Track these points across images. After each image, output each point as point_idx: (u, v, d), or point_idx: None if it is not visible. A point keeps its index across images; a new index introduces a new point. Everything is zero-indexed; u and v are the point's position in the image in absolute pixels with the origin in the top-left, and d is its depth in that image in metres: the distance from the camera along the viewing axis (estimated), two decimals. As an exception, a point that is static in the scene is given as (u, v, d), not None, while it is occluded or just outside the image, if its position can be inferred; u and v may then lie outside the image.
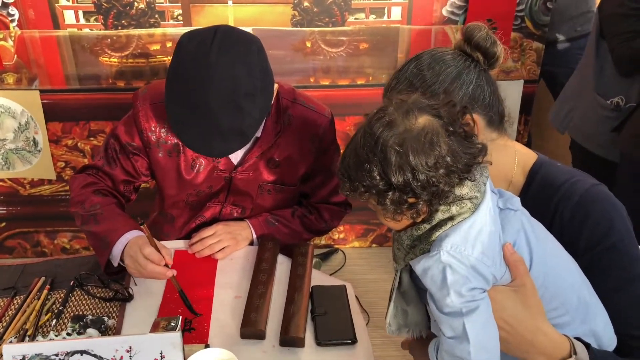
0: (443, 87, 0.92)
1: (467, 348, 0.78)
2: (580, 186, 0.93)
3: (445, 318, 0.80)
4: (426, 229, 0.80)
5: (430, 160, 0.75)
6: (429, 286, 0.81)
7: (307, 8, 2.15)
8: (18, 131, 2.29)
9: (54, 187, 2.43)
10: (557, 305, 0.84)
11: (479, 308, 0.78)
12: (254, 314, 1.16)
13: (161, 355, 0.83)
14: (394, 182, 0.76)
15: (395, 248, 0.86)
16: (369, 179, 0.77)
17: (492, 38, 0.94)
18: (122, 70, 2.21)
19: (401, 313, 0.93)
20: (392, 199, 0.77)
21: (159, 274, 1.20)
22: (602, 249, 0.90)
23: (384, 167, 0.76)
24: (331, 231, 2.64)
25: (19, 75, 2.18)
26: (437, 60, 0.94)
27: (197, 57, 1.16)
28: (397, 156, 0.75)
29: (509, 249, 0.82)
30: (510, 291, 0.82)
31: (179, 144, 1.37)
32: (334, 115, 1.47)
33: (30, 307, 1.19)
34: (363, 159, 0.78)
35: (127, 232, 1.26)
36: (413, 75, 0.95)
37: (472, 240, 0.78)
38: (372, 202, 0.81)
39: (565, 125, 2.10)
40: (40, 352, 0.78)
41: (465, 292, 0.78)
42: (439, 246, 0.78)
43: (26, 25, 2.10)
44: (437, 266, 0.78)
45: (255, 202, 1.47)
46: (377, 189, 0.78)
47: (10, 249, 2.56)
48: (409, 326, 0.94)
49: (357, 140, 0.80)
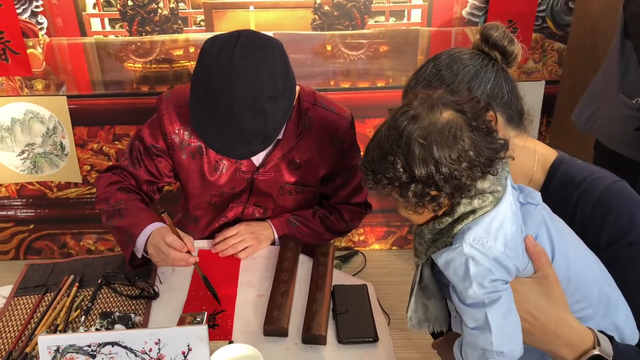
0: (462, 86, 0.93)
1: (490, 338, 0.78)
2: (601, 182, 0.93)
3: (468, 309, 0.80)
4: (448, 222, 0.81)
5: (454, 154, 0.76)
6: (451, 278, 0.82)
7: (327, 12, 2.17)
8: (46, 136, 2.35)
9: (80, 190, 2.49)
10: (580, 298, 0.85)
11: (501, 298, 0.79)
12: (277, 312, 1.18)
13: (188, 348, 0.85)
14: (417, 174, 0.77)
15: (417, 243, 0.87)
16: (392, 171, 0.79)
17: (509, 36, 0.95)
18: (146, 75, 2.26)
19: (422, 307, 0.94)
20: (414, 192, 0.78)
21: (182, 260, 1.22)
22: (623, 244, 0.90)
23: (408, 160, 0.77)
24: (351, 233, 2.66)
25: (48, 81, 2.25)
26: (455, 59, 0.96)
27: (221, 62, 1.19)
28: (421, 149, 0.77)
29: (530, 241, 0.82)
30: (533, 283, 0.82)
31: (202, 146, 1.40)
32: (354, 118, 1.49)
33: (61, 304, 1.23)
34: (387, 151, 0.79)
35: (150, 223, 1.29)
36: (432, 75, 0.96)
37: (494, 232, 0.79)
38: (395, 195, 0.82)
39: (590, 126, 2.08)
40: (74, 343, 0.81)
41: (487, 283, 0.78)
42: (462, 239, 0.79)
43: (54, 33, 2.16)
44: (460, 258, 0.79)
45: (276, 203, 1.49)
46: (400, 181, 0.79)
47: (38, 250, 2.62)
48: (429, 320, 0.95)
49: (381, 133, 0.82)
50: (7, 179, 2.43)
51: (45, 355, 0.82)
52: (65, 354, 0.81)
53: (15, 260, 2.62)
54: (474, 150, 0.77)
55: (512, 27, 2.21)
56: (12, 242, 2.60)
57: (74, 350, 0.81)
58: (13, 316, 1.21)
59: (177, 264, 1.25)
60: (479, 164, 0.78)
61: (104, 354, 0.82)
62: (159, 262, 1.26)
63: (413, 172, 0.77)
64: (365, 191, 1.58)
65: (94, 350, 0.82)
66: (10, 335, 1.16)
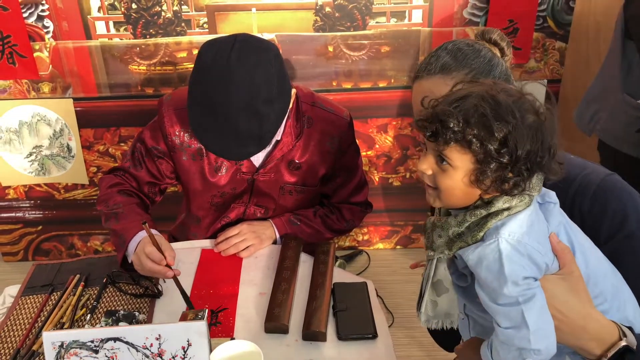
0: (485, 61, 0.96)
1: (527, 336, 0.77)
2: (595, 177, 0.95)
3: (501, 308, 0.78)
4: (482, 215, 0.79)
5: (553, 141, 0.77)
6: (483, 275, 0.79)
7: (328, 13, 2.19)
8: (53, 138, 2.39)
9: (86, 192, 2.52)
10: (597, 294, 0.84)
11: (535, 296, 0.78)
12: (278, 309, 1.20)
13: (188, 343, 0.87)
14: (518, 148, 0.74)
15: (436, 235, 0.84)
16: (487, 135, 0.74)
17: (507, 40, 1.00)
18: (150, 77, 2.29)
19: (430, 304, 0.93)
20: (498, 162, 0.75)
21: (159, 272, 1.22)
22: (621, 237, 0.91)
23: (516, 133, 0.74)
24: (355, 233, 2.68)
25: (54, 84, 2.28)
26: (470, 43, 1.00)
27: (217, 65, 1.21)
28: (536, 128, 0.75)
29: (555, 238, 0.82)
30: (559, 279, 0.82)
31: (202, 148, 1.42)
32: (357, 118, 1.50)
33: (67, 302, 1.26)
34: (501, 113, 0.74)
35: (142, 230, 1.30)
36: (455, 51, 0.98)
37: (527, 229, 0.78)
38: (459, 157, 0.76)
39: (592, 127, 2.06)
40: (77, 338, 0.83)
41: (521, 281, 0.77)
42: (496, 234, 0.77)
43: (60, 37, 2.20)
44: (494, 255, 0.77)
45: (277, 203, 1.51)
46: (488, 149, 0.74)
47: (47, 251, 2.66)
48: (438, 317, 0.93)
49: (496, 91, 0.77)
50: (15, 181, 2.47)
51: (50, 350, 0.84)
52: (69, 349, 0.84)
53: (23, 262, 2.66)
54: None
55: (513, 27, 2.22)
56: (21, 244, 2.64)
57: (78, 345, 0.84)
58: (20, 315, 1.24)
59: (156, 275, 1.26)
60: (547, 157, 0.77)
61: (106, 349, 0.85)
62: (139, 270, 1.27)
63: (513, 144, 0.74)
64: (366, 191, 1.59)
65: (97, 346, 0.84)
66: (17, 334, 1.19)
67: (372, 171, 2.52)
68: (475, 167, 0.77)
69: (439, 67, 0.98)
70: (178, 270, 1.24)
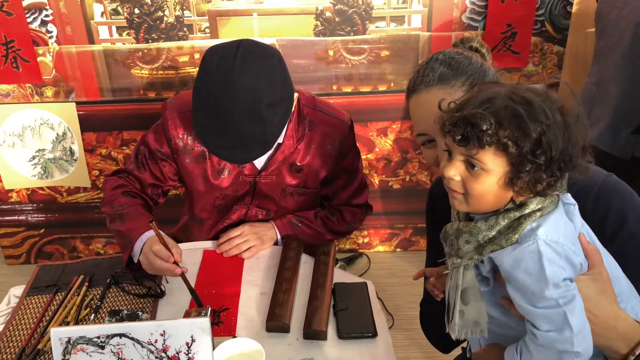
0: (478, 66, 0.98)
1: (571, 338, 0.76)
2: (596, 178, 0.96)
3: (542, 311, 0.77)
4: (515, 217, 0.77)
5: (586, 143, 0.77)
6: (521, 278, 0.76)
7: (329, 18, 2.22)
8: (56, 141, 2.41)
9: (89, 195, 2.54)
10: (618, 294, 0.85)
11: (575, 297, 0.77)
12: (279, 309, 1.22)
13: (192, 339, 0.89)
14: (552, 148, 0.73)
15: (463, 242, 0.81)
16: (521, 135, 0.72)
17: (486, 46, 1.04)
18: (152, 81, 2.31)
19: (458, 314, 0.88)
20: (534, 163, 0.74)
21: (167, 270, 1.24)
22: (624, 236, 0.92)
23: (549, 132, 0.73)
24: (355, 235, 2.70)
25: (57, 88, 2.30)
26: (459, 51, 1.02)
27: (221, 70, 1.23)
28: (566, 127, 0.74)
29: (584, 239, 0.81)
30: (589, 280, 0.81)
31: (205, 151, 1.44)
32: (357, 122, 1.52)
33: (71, 302, 1.27)
34: (534, 113, 0.73)
35: (147, 230, 1.32)
36: (448, 59, 1.00)
37: (562, 230, 0.77)
38: (493, 161, 0.75)
39: (630, 148, 1.94)
40: (84, 334, 0.85)
41: (561, 283, 0.76)
42: (534, 236, 0.76)
43: (64, 41, 2.22)
44: (533, 257, 0.75)
45: (279, 205, 1.53)
46: (524, 150, 0.73)
47: (49, 254, 2.67)
48: (466, 327, 0.87)
49: (523, 91, 0.76)
50: (18, 184, 2.49)
51: (57, 346, 0.86)
52: (76, 345, 0.86)
53: (26, 265, 2.67)
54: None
55: (511, 31, 2.24)
56: (24, 247, 2.66)
57: (84, 341, 0.85)
58: (25, 315, 1.26)
59: (163, 273, 1.28)
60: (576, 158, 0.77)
61: (112, 345, 0.87)
62: (147, 269, 1.29)
63: (548, 147, 0.73)
64: (366, 193, 1.61)
65: (103, 342, 0.86)
66: (23, 333, 1.21)
67: (372, 174, 2.54)
68: (509, 169, 0.75)
69: (437, 77, 0.98)
70: (185, 267, 1.26)
